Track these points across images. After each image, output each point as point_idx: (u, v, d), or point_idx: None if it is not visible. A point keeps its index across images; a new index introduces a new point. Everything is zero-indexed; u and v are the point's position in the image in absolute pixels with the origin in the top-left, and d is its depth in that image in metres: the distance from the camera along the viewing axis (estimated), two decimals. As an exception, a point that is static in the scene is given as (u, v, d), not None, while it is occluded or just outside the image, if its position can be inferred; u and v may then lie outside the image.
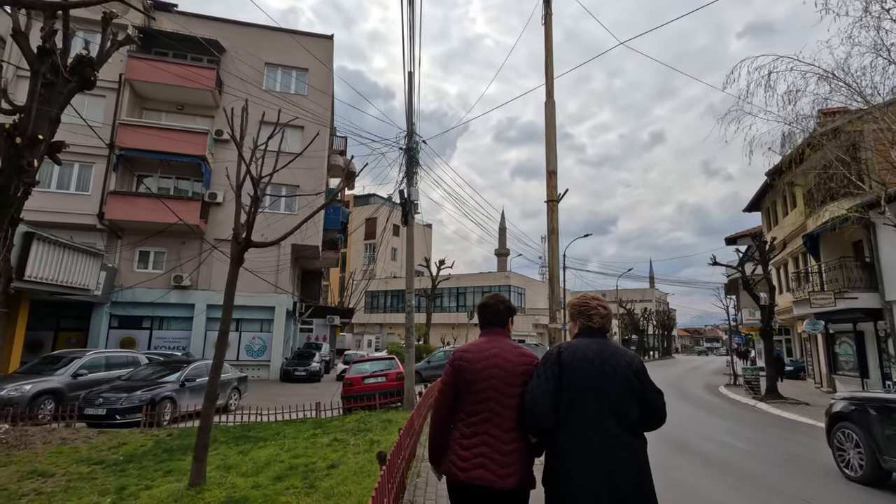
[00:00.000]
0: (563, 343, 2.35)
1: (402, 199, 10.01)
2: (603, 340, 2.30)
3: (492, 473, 2.17)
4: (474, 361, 2.35)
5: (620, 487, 2.00)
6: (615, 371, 2.17)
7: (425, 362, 22.20)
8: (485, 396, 2.28)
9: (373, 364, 11.82)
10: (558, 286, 5.49)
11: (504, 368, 2.31)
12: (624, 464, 2.05)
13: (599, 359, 2.19)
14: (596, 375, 2.15)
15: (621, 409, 2.13)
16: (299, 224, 5.85)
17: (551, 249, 5.56)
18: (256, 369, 21.85)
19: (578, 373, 2.16)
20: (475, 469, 2.18)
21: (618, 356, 2.22)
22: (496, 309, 2.54)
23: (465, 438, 2.28)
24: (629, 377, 2.18)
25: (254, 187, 5.50)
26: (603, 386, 2.14)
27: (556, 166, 5.81)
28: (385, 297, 51.05)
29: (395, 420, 8.40)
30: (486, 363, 2.33)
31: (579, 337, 2.36)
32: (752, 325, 30.59)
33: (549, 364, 2.22)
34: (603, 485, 2.00)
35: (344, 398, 10.89)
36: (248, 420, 9.86)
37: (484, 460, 2.19)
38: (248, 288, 21.32)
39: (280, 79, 24.51)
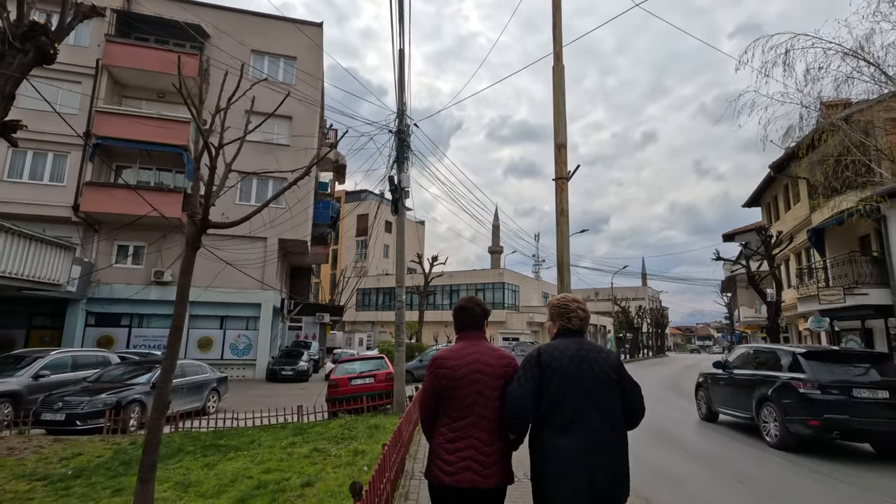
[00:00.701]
0: (542, 345, 2.41)
1: (391, 185, 9.25)
2: (580, 339, 2.39)
3: (477, 475, 2.22)
4: (456, 368, 2.36)
5: (599, 481, 2.10)
6: (592, 367, 2.26)
7: (417, 361, 21.44)
8: (469, 402, 2.32)
9: (360, 364, 11.04)
10: (568, 275, 4.76)
11: (485, 373, 2.35)
12: (604, 457, 2.14)
13: (577, 356, 2.27)
14: (574, 373, 2.23)
15: (601, 403, 2.22)
16: (265, 203, 5.06)
17: (560, 234, 4.84)
18: (241, 369, 21.00)
19: (558, 371, 2.24)
20: (462, 472, 2.22)
21: (594, 353, 2.31)
22: (473, 312, 2.57)
23: (449, 443, 2.30)
24: (606, 372, 2.27)
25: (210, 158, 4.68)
26: (581, 382, 2.22)
27: (565, 139, 5.07)
28: (377, 294, 50.23)
29: (382, 426, 7.64)
30: (468, 368, 2.35)
31: (558, 337, 2.43)
32: (750, 322, 30.16)
33: (530, 366, 2.29)
34: (583, 478, 2.09)
35: (329, 401, 10.11)
36: (223, 425, 9.06)
37: (470, 463, 2.23)
38: (232, 284, 20.48)
39: (267, 67, 23.60)
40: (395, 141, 9.46)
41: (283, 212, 22.36)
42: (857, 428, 7.29)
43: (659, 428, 9.70)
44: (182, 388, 10.79)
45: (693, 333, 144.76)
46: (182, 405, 10.66)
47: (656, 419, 10.24)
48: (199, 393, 11.48)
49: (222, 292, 20.78)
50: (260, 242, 21.84)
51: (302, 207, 22.65)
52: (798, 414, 7.61)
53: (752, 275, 15.02)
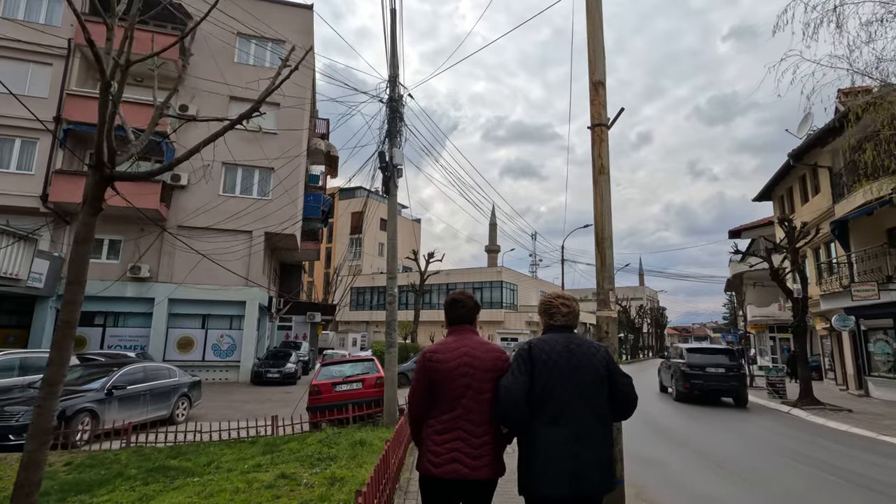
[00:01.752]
0: (533, 339, 2.53)
1: (381, 161, 8.03)
2: (570, 334, 2.45)
3: (465, 466, 2.25)
4: (445, 361, 2.39)
5: (585, 475, 2.16)
6: (581, 361, 2.31)
7: (412, 363, 20.17)
8: (458, 394, 2.34)
9: (347, 367, 9.74)
10: (610, 252, 3.53)
11: (475, 366, 2.37)
12: (590, 449, 2.20)
13: (567, 351, 2.33)
14: (564, 366, 2.29)
15: (590, 396, 2.27)
16: (197, 148, 3.80)
17: (599, 199, 3.63)
18: (225, 371, 19.68)
19: (548, 365, 2.29)
20: (449, 463, 2.26)
21: (584, 347, 2.37)
22: (465, 305, 2.58)
23: (438, 434, 2.33)
24: (595, 366, 2.31)
25: (102, 78, 3.42)
26: (571, 376, 2.27)
27: (603, 75, 3.86)
28: (371, 293, 48.90)
29: (368, 442, 6.39)
30: (457, 362, 2.38)
31: (546, 333, 2.51)
32: (758, 321, 29.06)
33: (522, 360, 2.33)
34: (568, 468, 2.16)
35: (310, 410, 8.84)
36: (185, 439, 7.77)
37: (458, 454, 2.26)
38: (214, 280, 19.17)
39: (254, 52, 22.29)
40: (386, 111, 8.24)
41: (273, 206, 21.08)
42: (708, 388, 13.45)
43: (701, 447, 8.51)
44: (144, 394, 9.49)
45: (690, 334, 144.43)
46: (143, 414, 9.37)
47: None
48: (166, 400, 10.19)
49: (203, 289, 19.47)
50: (244, 236, 20.52)
51: (290, 199, 21.35)
52: (680, 381, 13.78)
53: (777, 269, 13.83)
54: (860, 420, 10.99)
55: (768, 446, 8.60)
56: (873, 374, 15.20)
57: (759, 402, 14.80)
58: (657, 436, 9.30)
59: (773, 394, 15.15)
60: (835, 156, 16.99)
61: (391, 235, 8.12)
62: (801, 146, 17.33)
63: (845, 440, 9.25)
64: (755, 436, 9.64)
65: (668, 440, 9.00)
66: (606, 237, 3.67)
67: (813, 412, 12.05)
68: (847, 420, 11.04)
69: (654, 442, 8.71)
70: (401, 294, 46.09)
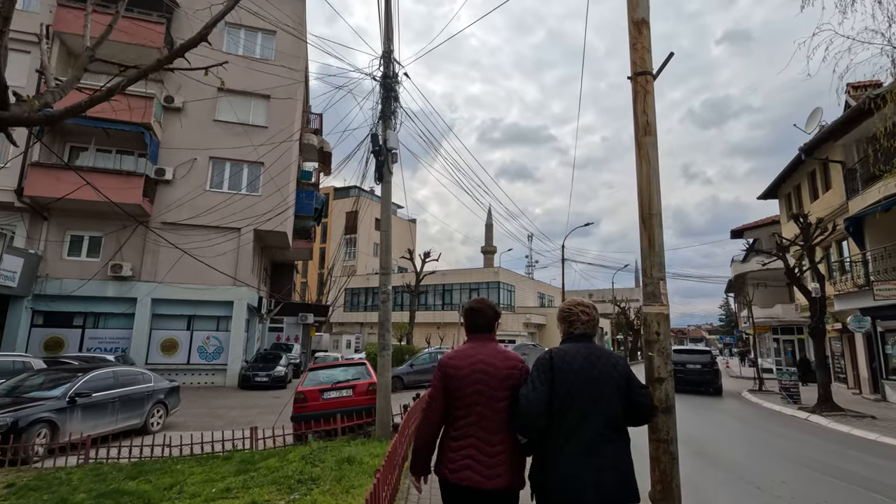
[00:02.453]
0: (553, 348, 2.42)
1: (374, 145, 7.23)
2: (590, 344, 2.41)
3: (478, 475, 2.23)
4: (460, 367, 2.40)
5: (606, 484, 2.11)
6: (602, 372, 2.28)
7: (408, 366, 19.35)
8: (471, 401, 2.34)
9: (336, 372, 8.90)
10: (659, 232, 2.75)
11: (489, 374, 2.37)
12: (610, 461, 2.16)
13: (587, 362, 2.30)
14: (585, 378, 2.26)
15: (608, 408, 2.24)
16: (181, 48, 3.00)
17: (645, 165, 2.86)
18: (211, 374, 18.78)
19: (569, 375, 2.26)
20: (462, 470, 2.25)
21: (604, 359, 2.34)
22: (485, 314, 2.58)
23: (453, 441, 2.34)
24: (615, 378, 2.29)
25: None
26: (591, 387, 2.24)
27: (647, 12, 3.08)
28: (366, 294, 48.01)
29: (357, 460, 5.57)
30: (471, 369, 2.38)
31: (566, 342, 2.46)
32: (761, 323, 28.40)
33: (543, 369, 2.30)
34: (588, 481, 2.10)
35: (295, 420, 8.01)
36: (151, 454, 6.92)
37: (470, 461, 2.26)
38: (200, 279, 18.30)
39: (243, 42, 21.43)
40: (380, 90, 7.45)
41: (262, 202, 20.22)
42: (687, 380, 16.36)
43: (718, 457, 7.74)
44: (112, 402, 8.63)
45: (686, 335, 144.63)
46: (111, 424, 8.52)
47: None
48: (138, 407, 9.32)
49: (189, 288, 18.58)
50: (232, 233, 19.65)
51: (281, 196, 20.48)
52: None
53: (792, 268, 13.10)
54: (888, 428, 10.27)
55: (795, 458, 7.85)
56: (891, 378, 14.51)
57: (773, 407, 14.06)
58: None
59: (787, 399, 14.44)
60: (847, 150, 16.33)
61: (385, 226, 7.32)
62: (813, 140, 16.67)
63: (878, 451, 8.51)
64: (778, 446, 8.89)
65: (698, 456, 8.23)
66: (655, 213, 2.89)
67: (834, 419, 11.32)
68: (873, 428, 10.32)
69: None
70: (395, 295, 45.19)
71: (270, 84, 21.26)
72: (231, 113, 20.37)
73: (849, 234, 15.60)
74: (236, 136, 20.15)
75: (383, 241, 7.30)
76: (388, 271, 7.27)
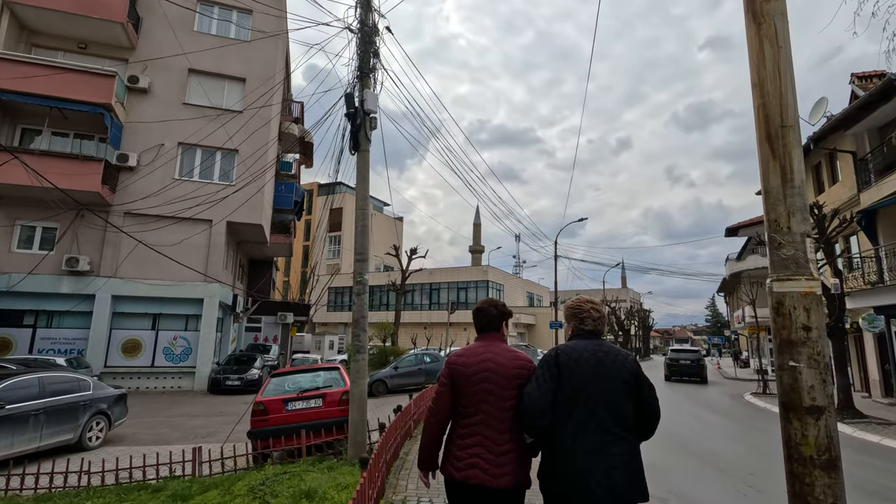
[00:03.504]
0: (560, 345, 2.40)
1: (349, 106, 5.97)
2: (598, 341, 2.37)
3: (485, 473, 2.21)
4: (468, 365, 2.39)
5: (616, 483, 2.06)
6: (610, 370, 2.22)
7: (391, 368, 18.05)
8: (478, 399, 2.32)
9: (304, 378, 7.48)
10: (798, 153, 1.54)
11: (497, 372, 2.35)
12: (619, 459, 2.10)
13: (595, 359, 2.25)
14: (592, 375, 2.21)
15: (617, 406, 2.18)
16: None
17: (772, 46, 1.69)
18: (178, 378, 17.29)
19: (575, 373, 2.21)
20: (469, 469, 2.24)
21: (612, 356, 2.28)
22: (489, 313, 2.58)
23: (460, 439, 2.33)
24: (624, 375, 2.22)
25: None
26: (599, 385, 2.19)
27: None
28: (351, 294, 46.50)
29: (319, 494, 4.30)
30: (479, 367, 2.37)
31: (574, 339, 2.42)
32: (759, 323, 27.63)
33: (548, 366, 2.27)
34: (599, 480, 2.05)
35: (253, 436, 6.69)
36: (64, 483, 5.57)
37: (477, 460, 2.24)
38: (167, 275, 16.82)
39: (217, 21, 19.96)
40: (356, 42, 6.20)
41: (233, 190, 18.77)
42: (681, 373, 22.49)
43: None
44: (36, 414, 7.23)
45: (671, 336, 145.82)
46: (33, 441, 7.13)
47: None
48: (72, 420, 7.93)
49: (154, 285, 17.08)
50: (203, 226, 18.18)
51: (257, 187, 19.05)
52: (667, 369, 23.22)
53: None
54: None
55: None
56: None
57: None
58: (702, 466, 7.44)
59: (799, 403, 13.45)
60: (859, 140, 15.47)
61: (361, 204, 6.07)
62: (823, 129, 15.78)
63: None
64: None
65: (722, 472, 7.12)
66: (790, 124, 1.72)
67: (860, 427, 10.34)
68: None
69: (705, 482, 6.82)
70: (381, 293, 43.85)
71: (246, 66, 19.86)
72: (203, 96, 18.91)
73: (860, 228, 14.72)
74: (208, 122, 18.67)
75: (359, 221, 6.05)
76: (364, 258, 6.02)
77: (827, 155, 17.43)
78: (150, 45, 18.68)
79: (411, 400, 7.48)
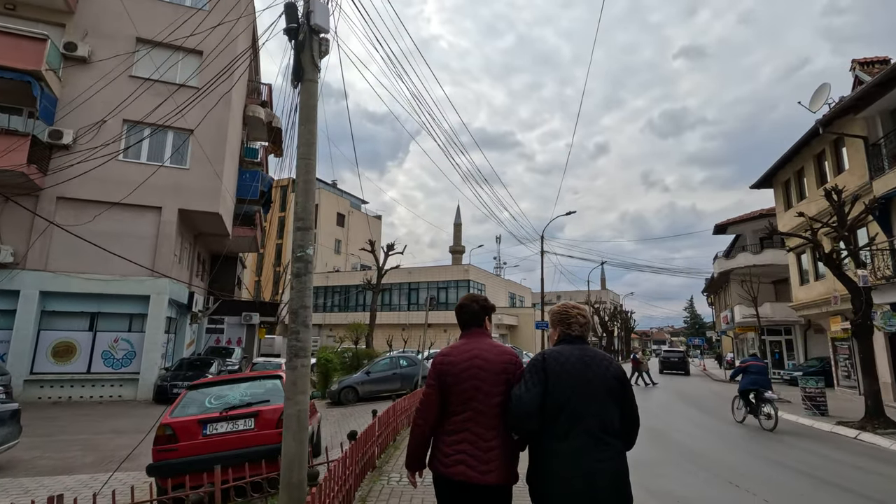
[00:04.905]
0: (546, 350, 2.43)
1: (289, 20, 4.31)
2: (584, 346, 2.39)
3: (472, 469, 2.21)
4: (456, 363, 2.37)
5: (600, 487, 2.08)
6: (596, 375, 2.25)
7: (363, 373, 16.30)
8: (467, 396, 2.31)
9: (233, 390, 5.60)
10: None
11: (484, 368, 2.34)
12: (604, 464, 2.12)
13: (581, 363, 2.27)
14: (579, 379, 2.23)
15: (603, 411, 2.21)
16: None
17: None
18: (118, 386, 15.20)
19: (562, 377, 2.23)
20: (456, 465, 2.23)
21: (598, 360, 2.31)
22: (470, 309, 2.56)
23: (448, 436, 2.31)
24: (609, 380, 2.26)
25: None
26: (585, 389, 2.21)
27: None
28: (325, 293, 44.44)
29: None
30: (467, 364, 2.36)
31: (560, 344, 2.44)
32: (746, 324, 26.71)
33: (536, 370, 2.28)
34: (583, 484, 2.08)
35: (155, 471, 4.85)
36: None
37: (465, 456, 2.23)
38: (108, 268, 14.78)
39: (171, -14, 17.94)
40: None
41: (187, 174, 16.80)
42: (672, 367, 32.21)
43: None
44: None
45: (650, 338, 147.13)
46: None
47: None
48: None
49: (92, 280, 15.00)
50: (151, 214, 16.17)
51: (215, 171, 17.10)
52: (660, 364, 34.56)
53: (829, 254, 10.82)
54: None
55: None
56: (929, 384, 12.52)
57: (800, 421, 11.78)
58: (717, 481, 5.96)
59: (813, 410, 12.21)
60: (871, 124, 14.39)
61: (304, 152, 4.38)
62: (832, 112, 14.66)
63: None
64: (846, 478, 6.40)
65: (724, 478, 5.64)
66: None
67: (894, 438, 9.03)
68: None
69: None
70: (357, 293, 41.87)
71: (204, 38, 17.88)
72: (153, 69, 16.85)
73: (874, 218, 13.60)
74: (159, 97, 16.63)
75: (300, 175, 4.36)
76: (307, 225, 4.34)
77: (832, 142, 16.36)
78: (93, 9, 16.60)
79: (375, 418, 5.81)
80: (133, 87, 16.43)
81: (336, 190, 56.59)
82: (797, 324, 24.43)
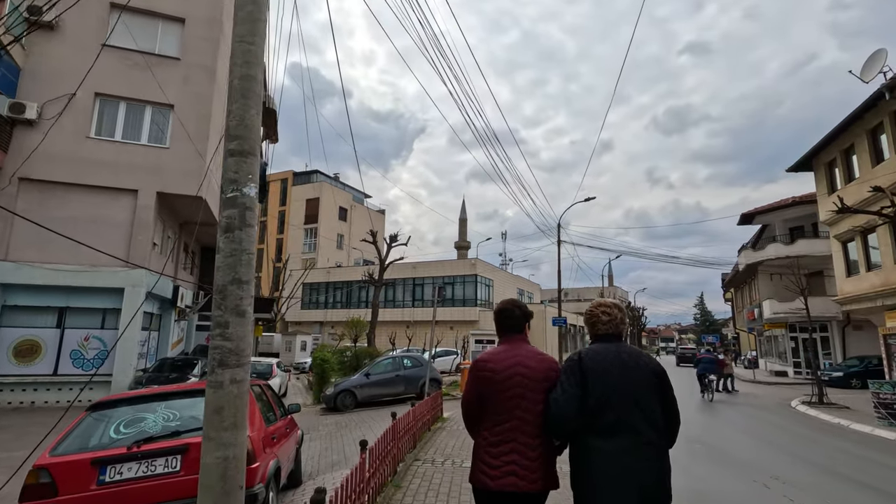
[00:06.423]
0: (582, 349, 2.39)
1: None
2: (619, 344, 2.37)
3: (522, 479, 2.17)
4: (498, 371, 2.32)
5: (647, 484, 2.06)
6: (634, 371, 2.23)
7: (362, 375, 14.58)
8: (511, 405, 2.27)
9: (154, 412, 3.77)
10: None
11: (527, 376, 2.30)
12: (649, 462, 2.10)
13: (619, 360, 2.25)
14: (618, 378, 2.20)
15: (645, 408, 2.17)
16: None
17: None
18: (88, 389, 13.53)
19: (601, 376, 2.20)
20: (506, 476, 2.18)
21: (636, 358, 2.29)
22: (512, 315, 2.52)
23: (492, 447, 2.25)
24: (648, 376, 2.23)
25: None
26: (625, 387, 2.18)
27: None
28: (327, 289, 42.80)
29: None
30: (510, 372, 2.31)
31: (595, 343, 2.43)
32: (778, 320, 24.79)
33: (572, 371, 2.26)
34: (631, 482, 2.05)
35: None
36: None
37: (515, 467, 2.19)
38: (78, 258, 13.10)
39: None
40: None
41: (167, 153, 15.15)
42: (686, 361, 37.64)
43: None
44: None
45: (657, 335, 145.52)
46: None
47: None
48: None
49: (59, 271, 13.37)
50: (126, 197, 14.53)
51: (199, 151, 15.42)
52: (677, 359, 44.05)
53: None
54: None
55: None
56: None
57: (878, 433, 9.93)
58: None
59: (889, 419, 10.39)
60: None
61: (244, 32, 2.61)
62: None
63: None
64: None
65: None
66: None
67: None
68: None
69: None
70: (359, 289, 40.20)
71: (186, 4, 16.23)
72: (129, 38, 15.19)
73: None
74: (135, 69, 15.03)
75: (237, 63, 2.61)
76: (246, 149, 2.60)
77: (892, 113, 14.45)
78: (61, -29, 14.89)
79: (362, 455, 4.08)
80: (107, 58, 14.78)
81: (338, 183, 54.91)
82: (834, 320, 22.52)
